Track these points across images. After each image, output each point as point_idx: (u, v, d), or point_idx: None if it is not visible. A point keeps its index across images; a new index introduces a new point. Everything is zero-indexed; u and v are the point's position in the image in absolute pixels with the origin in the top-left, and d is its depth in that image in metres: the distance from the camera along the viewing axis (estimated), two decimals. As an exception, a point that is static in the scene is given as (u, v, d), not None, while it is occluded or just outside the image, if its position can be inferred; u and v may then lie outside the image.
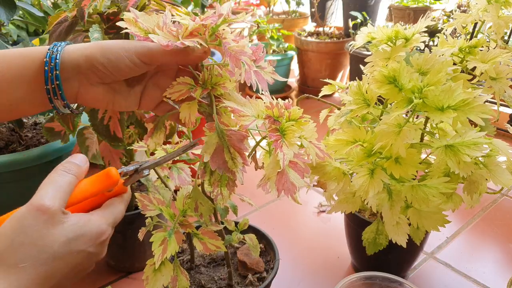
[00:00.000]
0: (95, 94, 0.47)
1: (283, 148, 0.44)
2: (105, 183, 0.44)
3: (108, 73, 0.45)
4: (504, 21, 0.69)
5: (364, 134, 0.59)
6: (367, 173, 0.57)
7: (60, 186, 0.40)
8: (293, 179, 0.45)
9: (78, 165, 0.43)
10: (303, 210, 1.11)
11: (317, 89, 0.81)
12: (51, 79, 0.44)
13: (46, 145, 0.87)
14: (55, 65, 0.44)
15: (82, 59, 0.44)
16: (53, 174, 0.42)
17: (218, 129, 0.45)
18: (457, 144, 0.54)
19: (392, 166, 0.56)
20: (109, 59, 0.44)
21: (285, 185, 0.45)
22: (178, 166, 0.69)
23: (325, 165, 0.60)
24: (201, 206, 0.55)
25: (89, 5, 0.64)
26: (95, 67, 0.44)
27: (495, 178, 0.59)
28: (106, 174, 0.44)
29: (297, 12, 2.54)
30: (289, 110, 0.47)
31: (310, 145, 0.50)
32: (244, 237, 0.65)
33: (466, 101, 0.52)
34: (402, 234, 0.62)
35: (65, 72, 0.45)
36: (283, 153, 0.44)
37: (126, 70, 0.45)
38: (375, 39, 0.69)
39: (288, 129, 0.46)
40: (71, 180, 0.42)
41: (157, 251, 0.52)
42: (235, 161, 0.45)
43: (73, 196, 0.42)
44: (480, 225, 1.04)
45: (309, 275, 0.88)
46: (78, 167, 0.43)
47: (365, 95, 0.60)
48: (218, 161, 0.45)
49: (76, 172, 0.43)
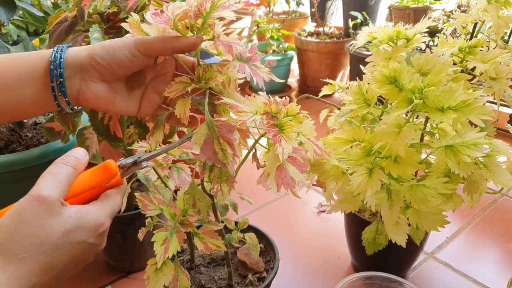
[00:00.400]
0: (96, 91, 0.48)
1: (282, 143, 0.45)
2: (104, 176, 0.45)
3: (108, 66, 0.47)
4: (504, 21, 0.69)
5: (363, 133, 0.59)
6: (365, 172, 0.57)
7: (59, 178, 0.41)
8: (292, 174, 0.46)
9: (77, 158, 0.44)
10: (303, 210, 1.11)
11: (317, 89, 0.81)
12: (56, 76, 0.46)
13: (46, 145, 0.87)
14: (59, 64, 0.46)
15: (84, 55, 0.47)
16: (52, 166, 0.42)
17: (208, 119, 0.45)
18: (457, 145, 0.54)
19: (391, 165, 0.56)
20: (108, 51, 0.46)
21: (284, 180, 0.45)
22: (178, 166, 0.69)
23: (324, 163, 0.61)
24: (199, 202, 0.55)
25: (89, 5, 0.64)
26: (95, 60, 0.46)
27: (495, 178, 0.59)
28: (105, 166, 0.45)
29: (297, 12, 2.54)
30: (287, 107, 0.48)
31: (308, 141, 0.50)
32: (244, 236, 0.65)
33: (467, 102, 0.52)
34: (402, 234, 0.62)
35: (68, 70, 0.46)
36: (282, 147, 0.45)
37: (125, 61, 0.46)
38: (376, 39, 0.69)
39: (286, 124, 0.47)
40: (70, 172, 0.42)
41: (158, 251, 0.52)
42: (225, 153, 0.45)
43: (72, 188, 0.42)
44: (480, 225, 1.04)
45: (309, 275, 0.88)
46: (77, 160, 0.44)
47: (365, 95, 0.60)
48: (208, 153, 0.45)
49: (75, 165, 0.43)
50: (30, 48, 0.97)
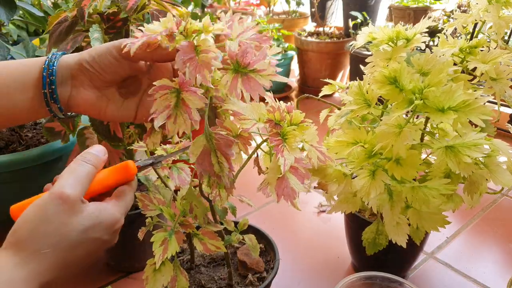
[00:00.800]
0: (86, 97, 0.49)
1: (284, 153, 0.44)
2: (123, 176, 0.46)
3: (95, 72, 0.47)
4: (504, 21, 0.69)
5: (364, 134, 0.59)
6: (368, 174, 0.57)
7: (79, 176, 0.43)
8: (293, 185, 0.45)
9: (97, 156, 0.46)
10: (303, 210, 1.11)
11: (317, 89, 0.81)
12: (49, 84, 0.47)
13: (46, 145, 0.86)
14: (52, 71, 0.47)
15: (74, 62, 0.48)
16: (74, 164, 0.44)
17: (207, 131, 0.44)
18: (457, 145, 0.54)
19: (393, 167, 0.56)
20: (94, 58, 0.47)
21: (285, 191, 0.44)
22: (178, 166, 0.69)
23: (326, 167, 0.61)
24: (196, 208, 0.55)
25: (89, 5, 0.64)
26: (83, 66, 0.47)
27: (496, 178, 0.59)
28: (124, 167, 0.46)
29: (297, 12, 2.54)
30: (291, 114, 0.47)
31: (311, 148, 0.50)
32: (244, 238, 0.65)
33: (467, 102, 0.52)
34: (402, 234, 0.62)
35: (59, 77, 0.48)
36: (284, 158, 0.44)
37: (111, 66, 0.47)
38: (376, 39, 0.69)
39: (290, 133, 0.46)
40: (90, 171, 0.44)
41: (157, 251, 0.52)
42: (222, 166, 0.44)
43: (91, 186, 0.44)
44: (480, 225, 1.04)
45: (309, 275, 0.88)
46: (97, 158, 0.45)
47: (365, 96, 0.60)
48: (204, 164, 0.44)
49: (95, 163, 0.45)
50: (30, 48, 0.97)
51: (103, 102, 0.50)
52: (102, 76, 0.48)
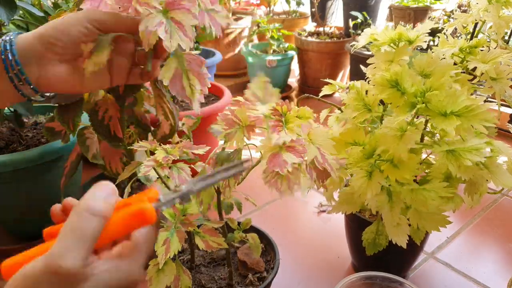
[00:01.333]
0: (57, 74, 0.47)
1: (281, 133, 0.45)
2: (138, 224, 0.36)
3: (64, 46, 0.45)
4: (504, 21, 0.69)
5: (363, 136, 0.59)
6: (364, 175, 0.57)
7: (83, 237, 0.33)
8: (286, 157, 0.45)
9: (107, 202, 0.35)
10: (303, 210, 1.11)
11: (318, 89, 0.81)
12: (11, 66, 0.44)
13: (46, 145, 0.86)
14: (11, 51, 0.44)
15: (36, 39, 0.45)
16: (76, 218, 0.33)
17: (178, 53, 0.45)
18: (458, 149, 0.54)
19: (390, 169, 0.56)
20: (62, 31, 0.45)
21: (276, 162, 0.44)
22: (178, 166, 0.69)
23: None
24: (203, 191, 0.55)
25: (89, 5, 0.64)
26: (48, 42, 0.45)
27: (496, 179, 0.59)
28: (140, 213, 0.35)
29: (298, 12, 2.54)
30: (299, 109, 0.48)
31: (313, 147, 0.49)
32: (247, 236, 0.65)
33: (470, 108, 0.52)
34: (402, 234, 0.62)
35: (22, 57, 0.45)
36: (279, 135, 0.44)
37: (81, 37, 0.45)
38: (377, 41, 0.69)
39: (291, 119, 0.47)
40: (98, 227, 0.33)
41: (160, 251, 0.52)
42: (193, 88, 0.45)
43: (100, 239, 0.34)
44: (480, 225, 1.04)
45: (309, 275, 0.88)
46: (107, 205, 0.35)
47: (365, 99, 0.60)
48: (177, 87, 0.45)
49: (104, 214, 0.34)
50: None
51: (75, 76, 0.48)
52: (71, 48, 0.46)
